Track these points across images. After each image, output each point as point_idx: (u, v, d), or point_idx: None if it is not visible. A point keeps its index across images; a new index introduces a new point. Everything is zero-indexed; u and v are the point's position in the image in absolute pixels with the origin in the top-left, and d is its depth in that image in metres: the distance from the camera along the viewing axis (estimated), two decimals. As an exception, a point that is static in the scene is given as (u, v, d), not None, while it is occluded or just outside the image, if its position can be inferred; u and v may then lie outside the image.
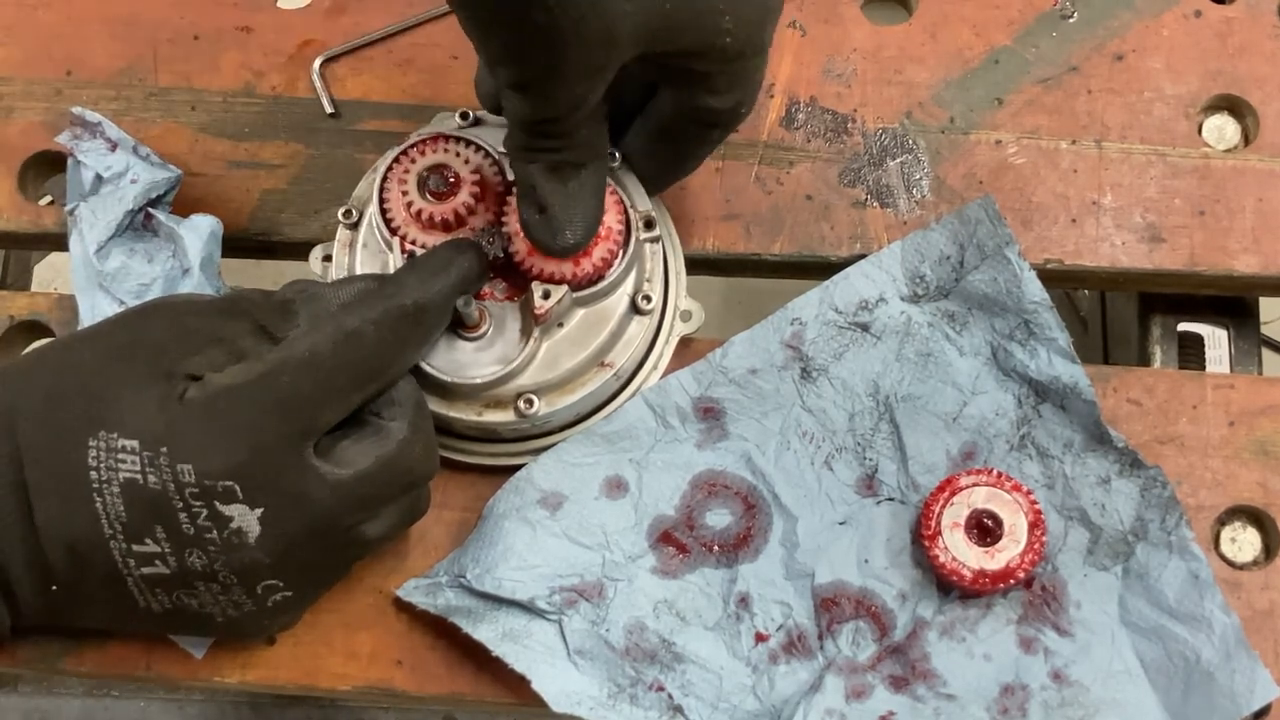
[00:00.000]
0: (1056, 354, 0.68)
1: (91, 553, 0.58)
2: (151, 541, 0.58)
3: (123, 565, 0.59)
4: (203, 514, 0.58)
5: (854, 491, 0.69)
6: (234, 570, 0.59)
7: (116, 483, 0.57)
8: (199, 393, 0.58)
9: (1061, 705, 0.64)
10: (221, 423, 0.58)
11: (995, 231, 0.70)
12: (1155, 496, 0.66)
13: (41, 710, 1.11)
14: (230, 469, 0.58)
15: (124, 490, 0.57)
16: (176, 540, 0.58)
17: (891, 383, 0.70)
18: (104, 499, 0.58)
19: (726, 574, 0.67)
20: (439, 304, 0.63)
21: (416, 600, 0.66)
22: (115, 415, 0.58)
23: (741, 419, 0.69)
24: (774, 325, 0.71)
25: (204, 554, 0.58)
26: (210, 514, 0.58)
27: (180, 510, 0.58)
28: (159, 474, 0.57)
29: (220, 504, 0.58)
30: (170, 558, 0.59)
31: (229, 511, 0.58)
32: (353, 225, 0.69)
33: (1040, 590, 0.66)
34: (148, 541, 0.58)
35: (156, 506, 0.58)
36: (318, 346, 0.59)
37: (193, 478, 0.57)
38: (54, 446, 0.58)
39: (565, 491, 0.68)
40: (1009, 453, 0.68)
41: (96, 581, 0.59)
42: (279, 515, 0.59)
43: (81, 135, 0.73)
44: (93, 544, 0.58)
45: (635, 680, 0.65)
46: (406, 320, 0.62)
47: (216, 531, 0.58)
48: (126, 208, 0.71)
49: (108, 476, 0.57)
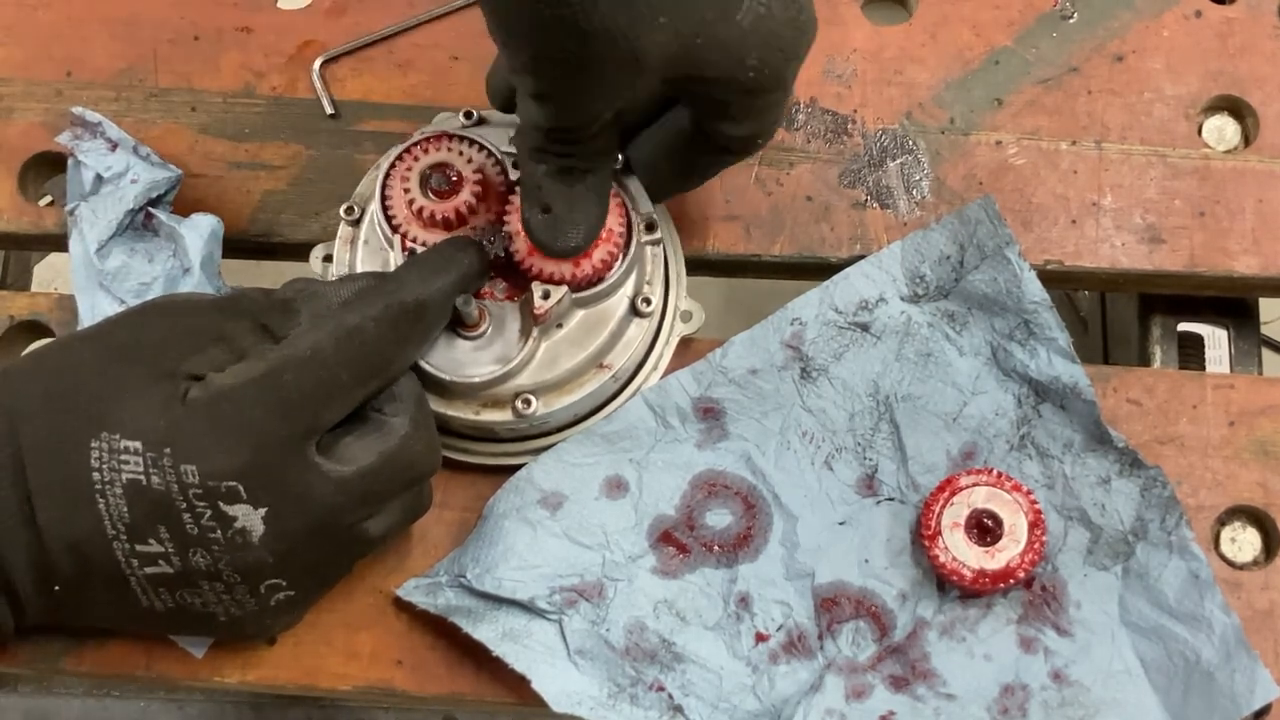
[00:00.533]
0: (1056, 354, 0.68)
1: (94, 553, 0.58)
2: (155, 542, 0.58)
3: (126, 565, 0.59)
4: (206, 514, 0.58)
5: (854, 491, 0.69)
6: (238, 569, 0.59)
7: (119, 484, 0.57)
8: (201, 393, 0.58)
9: (1061, 705, 0.64)
10: (225, 423, 0.58)
11: (995, 231, 0.70)
12: (1155, 496, 0.66)
13: (41, 710, 1.11)
14: (234, 469, 0.58)
15: (127, 491, 0.57)
16: (180, 540, 0.58)
17: (891, 383, 0.70)
18: (107, 500, 0.57)
19: (726, 574, 0.67)
20: (439, 301, 0.63)
21: (416, 600, 0.66)
22: (117, 416, 0.58)
23: (741, 419, 0.69)
24: (774, 325, 0.71)
25: (208, 554, 0.59)
26: (214, 514, 0.58)
27: (184, 511, 0.58)
28: (162, 475, 0.57)
29: (224, 504, 0.58)
30: (174, 557, 0.59)
31: (233, 511, 0.58)
32: (354, 222, 0.69)
33: (1040, 590, 0.66)
34: (151, 542, 0.58)
35: (160, 507, 0.58)
36: (320, 344, 0.59)
37: (196, 478, 0.57)
38: (56, 448, 0.58)
39: (565, 491, 0.68)
40: (1009, 453, 0.68)
41: (99, 581, 0.59)
42: (283, 514, 0.59)
43: (82, 135, 0.74)
44: (96, 545, 0.58)
45: (635, 680, 0.65)
46: (407, 317, 0.62)
47: (220, 531, 0.58)
48: (127, 207, 0.71)
49: (110, 478, 0.57)
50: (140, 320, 0.62)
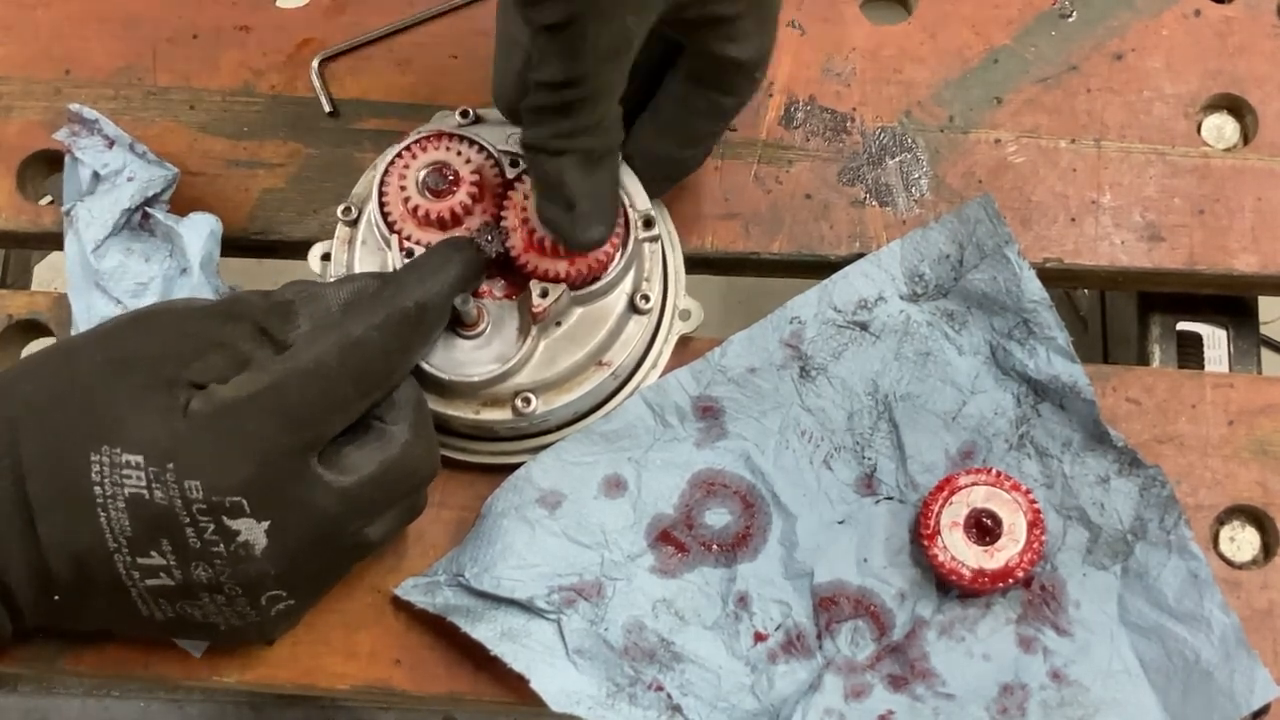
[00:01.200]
0: (1056, 353, 0.68)
1: (95, 565, 0.58)
2: (157, 555, 0.58)
3: (127, 577, 0.58)
4: (210, 528, 0.58)
5: (853, 491, 0.68)
6: (240, 582, 0.59)
7: (121, 498, 0.57)
8: (203, 405, 0.58)
9: (1061, 705, 0.64)
10: (228, 437, 0.58)
11: (995, 230, 0.70)
12: (1154, 496, 0.66)
13: (41, 710, 1.11)
14: (238, 484, 0.57)
15: (129, 505, 0.57)
16: (182, 554, 0.58)
17: (890, 382, 0.70)
18: (108, 514, 0.57)
19: (725, 573, 0.67)
20: (439, 303, 0.63)
21: (415, 599, 0.66)
22: (117, 429, 0.58)
23: (740, 418, 0.69)
24: (773, 324, 0.70)
25: (210, 567, 0.58)
26: (217, 528, 0.58)
27: (187, 525, 0.57)
28: (165, 490, 0.57)
29: (228, 519, 0.58)
30: (175, 570, 0.58)
31: (236, 526, 0.58)
32: (352, 222, 0.69)
33: (1039, 590, 0.66)
34: (153, 555, 0.58)
35: (162, 521, 0.57)
36: (323, 356, 0.59)
37: (200, 493, 0.57)
38: (56, 460, 0.58)
39: (564, 490, 0.68)
40: (1008, 452, 0.68)
41: (100, 591, 0.59)
42: (286, 526, 0.59)
43: (79, 132, 0.73)
44: (97, 556, 0.58)
45: (634, 680, 0.65)
46: (409, 323, 0.61)
47: (223, 545, 0.58)
48: (123, 206, 0.71)
49: (112, 491, 0.57)
50: (139, 327, 0.62)
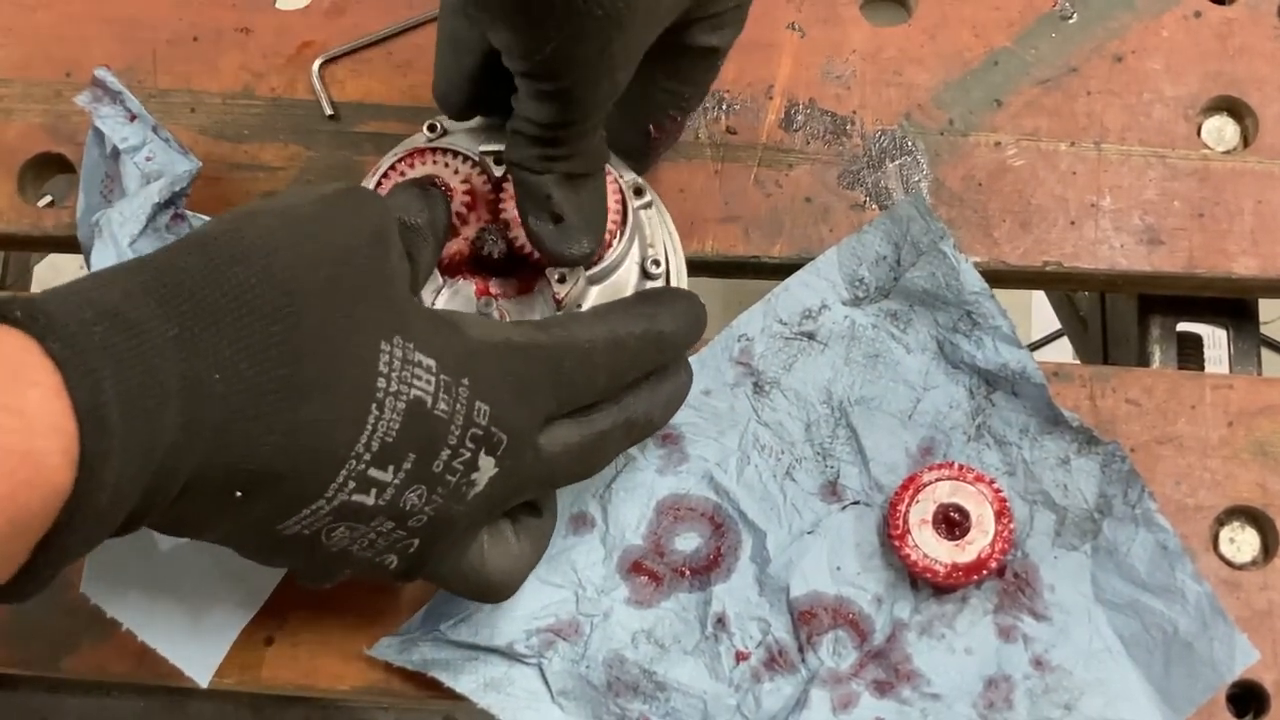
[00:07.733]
0: (1002, 341, 0.68)
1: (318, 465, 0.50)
2: (394, 469, 0.52)
3: (336, 486, 0.51)
4: (465, 455, 0.54)
5: (818, 499, 0.68)
6: (435, 516, 0.54)
7: (405, 398, 0.51)
8: (487, 334, 0.56)
9: (1046, 692, 0.64)
10: (514, 376, 0.56)
11: (928, 227, 0.70)
12: (1115, 471, 0.67)
13: (41, 710, 1.11)
14: (516, 424, 0.55)
15: (409, 408, 0.51)
16: (414, 475, 0.53)
17: (843, 387, 0.70)
18: (382, 411, 0.51)
19: (701, 596, 0.67)
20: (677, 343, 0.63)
21: (390, 658, 0.66)
22: (409, 324, 0.53)
23: (699, 440, 0.69)
24: (722, 344, 0.71)
25: (424, 496, 0.54)
26: (470, 459, 0.54)
27: (449, 446, 0.53)
28: (451, 404, 0.52)
29: (485, 453, 0.54)
30: (390, 490, 0.52)
31: (483, 462, 0.54)
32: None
33: (1013, 577, 0.66)
34: (389, 469, 0.52)
35: (428, 435, 0.52)
36: (596, 341, 0.59)
37: (485, 419, 0.54)
38: (346, 340, 0.51)
39: None
40: (967, 444, 0.68)
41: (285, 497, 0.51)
42: (503, 479, 0.56)
43: (101, 99, 0.69)
44: (328, 457, 0.50)
45: (621, 717, 0.65)
46: (653, 346, 0.61)
47: (458, 477, 0.54)
48: (154, 200, 0.68)
49: (397, 389, 0.51)
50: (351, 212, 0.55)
